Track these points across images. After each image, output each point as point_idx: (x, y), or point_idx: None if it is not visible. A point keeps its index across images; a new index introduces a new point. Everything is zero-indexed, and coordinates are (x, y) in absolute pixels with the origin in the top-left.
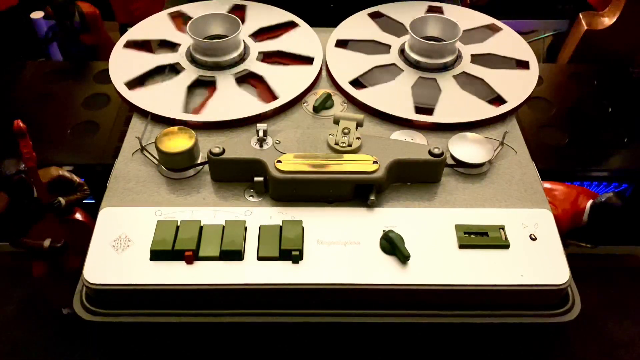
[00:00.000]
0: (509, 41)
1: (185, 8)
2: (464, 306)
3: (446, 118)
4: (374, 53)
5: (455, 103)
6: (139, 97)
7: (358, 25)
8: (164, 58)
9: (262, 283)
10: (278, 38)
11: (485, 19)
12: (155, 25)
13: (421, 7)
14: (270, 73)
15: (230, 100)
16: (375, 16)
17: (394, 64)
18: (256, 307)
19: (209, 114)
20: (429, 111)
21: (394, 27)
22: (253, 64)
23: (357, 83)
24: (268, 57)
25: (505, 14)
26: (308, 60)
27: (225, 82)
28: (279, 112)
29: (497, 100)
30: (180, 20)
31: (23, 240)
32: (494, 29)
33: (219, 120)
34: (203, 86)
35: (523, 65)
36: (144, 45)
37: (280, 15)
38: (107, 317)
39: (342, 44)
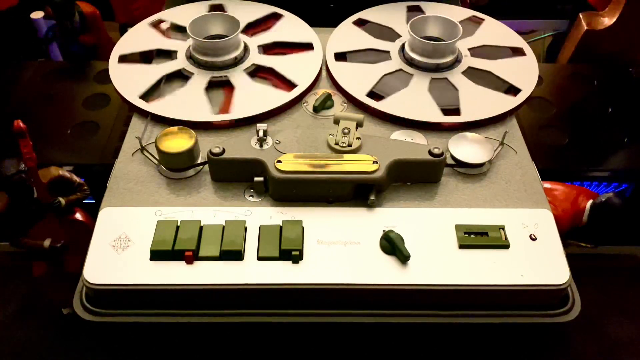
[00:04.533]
0: (495, 31)
1: (164, 15)
2: (464, 306)
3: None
4: (377, 61)
5: (474, 99)
6: (159, 108)
7: (349, 35)
8: (167, 66)
9: (262, 283)
10: (269, 30)
11: (466, 12)
12: (142, 36)
13: (401, 8)
14: (278, 63)
15: (253, 95)
16: (360, 24)
17: (400, 70)
18: (256, 307)
19: (240, 111)
20: (455, 112)
21: (383, 32)
22: (258, 58)
23: (373, 94)
24: (268, 49)
25: (505, 14)
26: (308, 47)
27: (240, 79)
28: (300, 99)
29: (511, 90)
30: (162, 27)
31: (23, 240)
32: (476, 21)
33: (255, 115)
34: (215, 87)
35: (518, 52)
36: (139, 58)
37: (262, 9)
38: (107, 317)
39: (341, 57)
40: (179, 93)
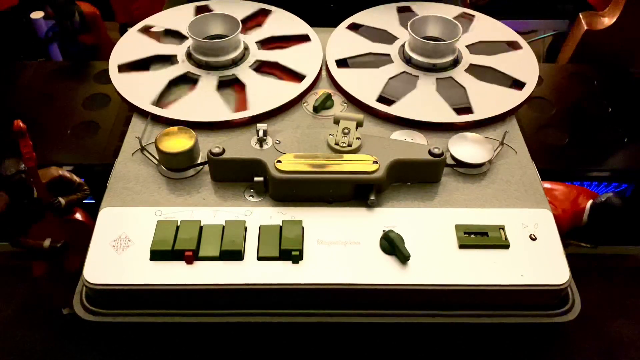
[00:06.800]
0: (488, 26)
1: (152, 20)
2: (464, 306)
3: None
4: (379, 66)
5: (483, 96)
6: (177, 113)
7: (346, 40)
8: (171, 71)
9: (262, 283)
10: (262, 26)
11: (456, 10)
12: (136, 44)
13: (391, 9)
14: (281, 57)
15: (265, 90)
16: (354, 28)
17: (404, 72)
18: (256, 307)
19: (259, 107)
20: (467, 110)
21: (379, 35)
22: (259, 54)
23: (382, 99)
24: (266, 45)
25: (505, 14)
26: (305, 39)
27: (248, 75)
28: (309, 92)
29: (515, 84)
30: (152, 33)
31: (23, 240)
32: (467, 18)
33: (273, 108)
34: (224, 86)
35: (514, 46)
36: (139, 66)
37: (249, 7)
38: (107, 317)
39: (342, 63)
40: (192, 96)
